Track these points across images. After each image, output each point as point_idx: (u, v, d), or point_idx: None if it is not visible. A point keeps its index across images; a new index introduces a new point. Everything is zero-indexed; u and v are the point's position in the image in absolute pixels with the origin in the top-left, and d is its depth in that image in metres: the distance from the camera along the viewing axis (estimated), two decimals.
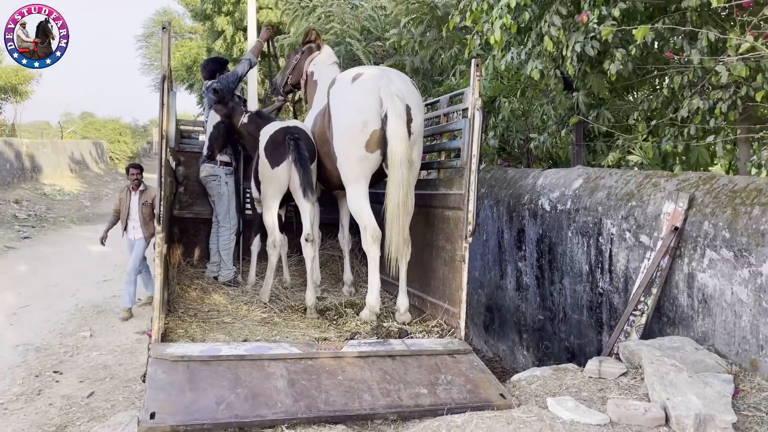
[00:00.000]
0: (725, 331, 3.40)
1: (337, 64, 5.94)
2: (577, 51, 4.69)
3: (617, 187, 4.34)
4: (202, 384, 3.15)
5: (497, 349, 5.90)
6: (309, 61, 5.87)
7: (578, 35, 4.74)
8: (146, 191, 7.55)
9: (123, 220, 7.63)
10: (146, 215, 7.51)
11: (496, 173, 6.16)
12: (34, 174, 21.30)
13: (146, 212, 7.50)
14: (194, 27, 24.86)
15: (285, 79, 6.16)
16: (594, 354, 4.35)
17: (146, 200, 7.48)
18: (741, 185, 3.48)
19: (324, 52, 5.92)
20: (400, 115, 4.20)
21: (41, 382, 5.42)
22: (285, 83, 6.18)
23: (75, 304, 8.02)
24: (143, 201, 7.47)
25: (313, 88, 5.70)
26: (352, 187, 4.51)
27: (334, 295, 5.37)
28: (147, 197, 7.49)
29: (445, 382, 3.41)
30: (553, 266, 4.92)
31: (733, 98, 4.37)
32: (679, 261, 3.72)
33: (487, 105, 6.74)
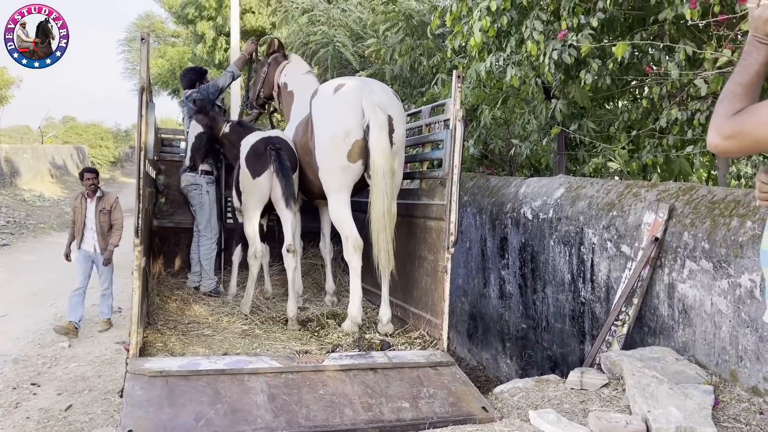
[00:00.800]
0: (705, 341, 3.42)
1: (312, 72, 5.93)
2: (554, 58, 4.71)
3: (598, 196, 4.36)
4: (181, 400, 3.10)
5: (481, 357, 5.89)
6: (279, 72, 5.85)
7: (555, 43, 4.76)
8: (104, 197, 6.97)
9: (78, 231, 6.94)
10: (104, 224, 6.88)
11: (478, 181, 6.17)
12: (13, 179, 20.98)
13: (104, 221, 6.88)
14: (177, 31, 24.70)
15: (257, 92, 6.13)
16: (576, 363, 4.36)
17: (104, 207, 6.89)
18: (720, 196, 3.51)
19: (294, 62, 5.91)
20: (382, 126, 4.22)
21: (18, 395, 5.31)
22: (257, 96, 6.14)
23: (54, 314, 7.89)
24: (101, 208, 6.87)
25: (288, 98, 5.67)
26: (334, 197, 4.50)
27: (316, 305, 5.33)
28: (105, 204, 6.91)
29: (428, 396, 3.40)
30: (536, 275, 4.93)
31: (711, 109, 4.41)
32: (659, 271, 3.74)
33: (468, 113, 6.76)
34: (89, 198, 6.94)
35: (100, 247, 6.91)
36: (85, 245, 7.00)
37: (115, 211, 6.94)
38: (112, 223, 6.90)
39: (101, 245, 6.90)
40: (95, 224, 6.88)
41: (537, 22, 4.88)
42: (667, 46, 4.36)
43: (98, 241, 6.91)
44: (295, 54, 6.30)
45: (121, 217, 6.99)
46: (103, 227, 6.86)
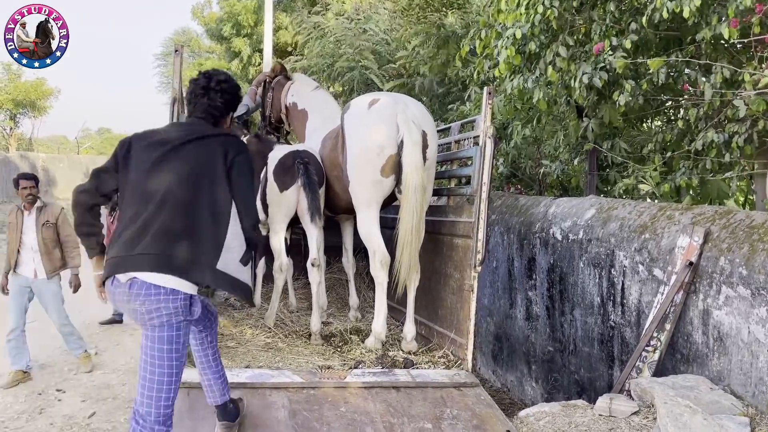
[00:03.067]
0: (741, 371, 3.29)
1: (320, 88, 5.94)
2: (585, 82, 4.66)
3: (630, 218, 4.27)
4: (202, 412, 3.09)
5: (505, 379, 5.78)
6: (285, 93, 5.88)
7: (586, 66, 4.71)
8: (46, 209, 5.75)
9: (12, 252, 5.61)
10: (49, 241, 5.66)
11: (507, 200, 6.10)
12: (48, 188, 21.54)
13: (49, 237, 5.67)
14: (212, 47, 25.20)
15: (267, 117, 6.13)
16: (604, 389, 4.24)
17: (47, 220, 5.67)
18: (759, 221, 3.40)
19: (298, 81, 5.94)
20: (416, 143, 4.21)
21: (44, 401, 5.37)
22: (269, 122, 6.15)
23: (82, 321, 7.97)
24: (43, 222, 5.65)
25: (301, 116, 5.67)
26: (363, 212, 4.48)
27: (340, 320, 5.29)
28: (48, 216, 5.70)
29: (451, 417, 3.33)
30: (564, 297, 4.83)
31: (750, 132, 4.30)
32: (693, 297, 3.62)
33: (499, 131, 6.72)
34: (27, 211, 5.71)
35: (46, 269, 5.69)
36: (22, 269, 5.68)
37: (65, 225, 5.80)
38: (64, 239, 5.81)
39: (48, 267, 5.70)
40: (37, 242, 5.65)
41: (562, 48, 4.85)
42: (705, 65, 4.28)
43: (43, 262, 5.68)
44: (298, 73, 6.32)
45: (73, 232, 5.62)
46: (47, 245, 5.67)
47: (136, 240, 2.49)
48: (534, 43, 4.99)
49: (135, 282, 2.46)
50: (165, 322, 2.49)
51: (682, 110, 5.00)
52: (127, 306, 2.53)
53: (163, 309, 2.46)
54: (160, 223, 2.50)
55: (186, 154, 2.62)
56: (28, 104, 25.69)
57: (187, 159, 2.61)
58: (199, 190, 2.58)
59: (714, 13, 4.01)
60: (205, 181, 2.59)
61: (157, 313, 2.47)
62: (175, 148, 2.63)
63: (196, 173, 2.59)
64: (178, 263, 2.47)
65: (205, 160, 2.63)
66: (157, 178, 2.56)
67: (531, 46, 5.00)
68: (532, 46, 5.01)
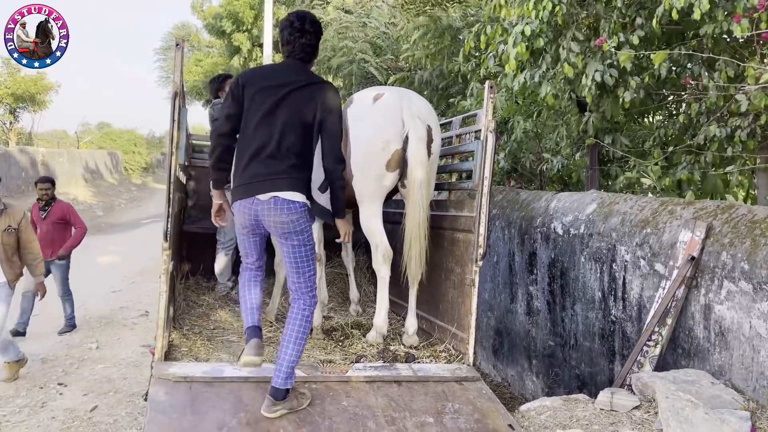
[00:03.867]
0: (743, 365, 3.29)
1: None
2: (597, 80, 4.65)
3: (632, 213, 4.26)
4: (204, 407, 3.09)
5: (506, 374, 5.79)
6: None
7: (597, 64, 4.70)
8: (6, 212, 5.39)
9: None
10: (8, 247, 5.30)
11: (508, 195, 6.09)
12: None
13: (8, 242, 5.30)
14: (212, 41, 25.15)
15: None
16: (605, 383, 4.25)
17: (9, 225, 5.32)
18: (761, 216, 3.39)
19: None
20: (422, 138, 4.21)
21: (45, 394, 5.39)
22: None
23: (83, 315, 8.00)
24: (4, 227, 5.30)
25: None
26: (366, 206, 4.47)
27: (341, 315, 5.29)
28: (9, 221, 5.34)
29: (452, 411, 3.33)
30: (565, 291, 4.83)
31: (753, 126, 4.29)
32: (695, 291, 3.62)
33: (500, 125, 6.71)
34: None
35: (7, 278, 5.36)
36: None
37: (27, 232, 5.49)
38: (25, 246, 5.48)
39: (9, 276, 5.37)
40: None
41: (573, 44, 4.83)
42: (707, 59, 4.26)
43: (3, 270, 5.32)
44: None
45: (35, 239, 5.65)
46: (6, 251, 5.32)
47: (267, 166, 3.21)
48: (542, 39, 4.98)
49: (277, 199, 3.17)
50: (303, 229, 3.26)
51: (684, 105, 4.99)
52: (269, 219, 3.21)
53: (300, 218, 3.23)
54: (283, 153, 3.23)
55: (293, 100, 3.29)
56: (27, 99, 25.63)
57: (296, 104, 3.28)
58: (303, 128, 3.30)
59: (719, 8, 3.99)
60: (307, 122, 3.30)
61: (297, 222, 3.22)
62: (285, 96, 3.28)
63: (300, 116, 3.28)
64: (301, 183, 3.26)
65: (307, 106, 3.30)
66: (274, 119, 3.24)
67: (539, 42, 4.99)
68: (540, 42, 5.00)
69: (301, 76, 3.37)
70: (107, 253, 7.78)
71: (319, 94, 3.33)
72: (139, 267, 11.62)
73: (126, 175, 35.07)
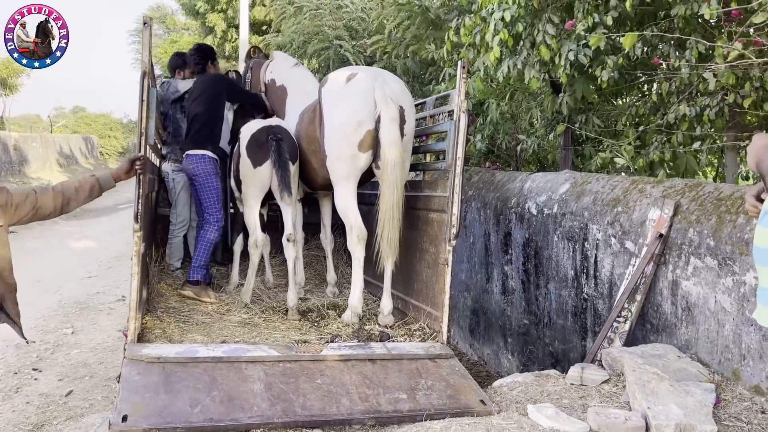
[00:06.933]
0: (708, 339, 3.38)
1: (300, 65, 5.90)
2: (570, 59, 4.67)
3: (604, 192, 4.32)
4: (177, 386, 3.08)
5: (482, 352, 5.86)
6: (264, 71, 5.83)
7: (570, 44, 4.72)
8: None
9: None
10: None
11: (483, 176, 6.12)
12: (21, 167, 21.11)
13: None
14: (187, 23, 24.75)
15: None
16: (578, 359, 4.32)
17: None
18: (726, 193, 3.46)
19: (278, 58, 5.91)
20: (393, 119, 4.20)
21: (20, 380, 5.33)
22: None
23: (58, 300, 7.92)
24: None
25: (280, 93, 5.60)
26: (341, 186, 4.47)
27: (317, 296, 5.31)
28: None
29: (426, 387, 3.37)
30: (539, 270, 4.89)
31: (721, 105, 4.35)
32: (663, 268, 3.69)
33: (475, 108, 6.71)
34: None
35: None
36: None
37: None
38: None
39: None
40: None
41: (549, 26, 4.84)
42: (677, 39, 4.31)
43: None
44: (277, 51, 6.26)
45: None
46: None
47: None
48: (521, 24, 4.98)
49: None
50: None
51: (655, 84, 5.04)
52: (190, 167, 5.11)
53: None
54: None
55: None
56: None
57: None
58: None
59: None
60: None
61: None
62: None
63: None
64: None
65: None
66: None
67: (518, 27, 4.99)
68: (519, 28, 5.00)
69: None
70: (83, 238, 7.70)
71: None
72: (115, 252, 11.49)
73: (102, 159, 34.53)
